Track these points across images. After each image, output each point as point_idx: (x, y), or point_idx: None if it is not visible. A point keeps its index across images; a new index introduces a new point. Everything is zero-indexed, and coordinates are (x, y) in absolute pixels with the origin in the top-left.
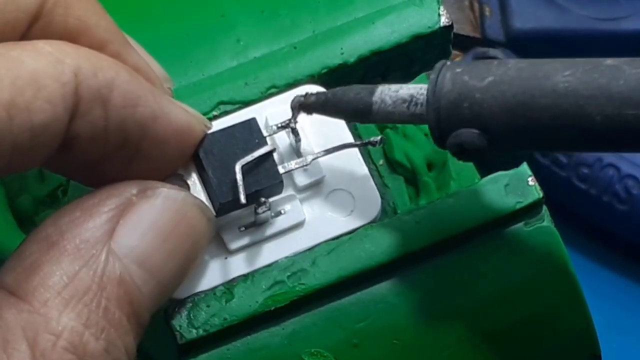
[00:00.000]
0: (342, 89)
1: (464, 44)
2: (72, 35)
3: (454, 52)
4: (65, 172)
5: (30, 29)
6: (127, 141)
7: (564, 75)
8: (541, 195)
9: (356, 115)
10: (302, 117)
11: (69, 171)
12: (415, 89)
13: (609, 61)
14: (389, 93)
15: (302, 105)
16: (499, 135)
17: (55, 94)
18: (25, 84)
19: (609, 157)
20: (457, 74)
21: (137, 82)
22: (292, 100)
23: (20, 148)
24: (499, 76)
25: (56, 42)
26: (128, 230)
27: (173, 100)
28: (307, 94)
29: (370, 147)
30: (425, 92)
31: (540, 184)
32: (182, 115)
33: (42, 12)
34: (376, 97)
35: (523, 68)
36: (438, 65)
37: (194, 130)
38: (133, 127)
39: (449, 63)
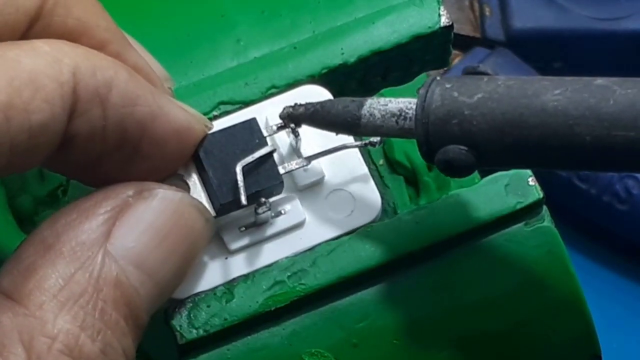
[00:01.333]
0: (331, 100)
1: (464, 43)
2: (72, 36)
3: (454, 52)
4: (65, 172)
5: (29, 29)
6: (126, 141)
7: (553, 94)
8: (541, 195)
9: (344, 127)
10: None
11: (68, 171)
12: (404, 103)
13: (599, 81)
14: (377, 107)
15: (291, 116)
16: (488, 153)
17: (53, 93)
18: (22, 85)
19: None
20: (446, 89)
21: (136, 81)
22: (281, 111)
23: (18, 148)
24: (488, 93)
25: (54, 42)
26: (124, 231)
27: (173, 100)
28: (295, 104)
29: (370, 147)
30: (414, 107)
31: (540, 184)
32: (182, 115)
33: (41, 12)
34: (365, 110)
35: (512, 85)
36: (427, 80)
37: (193, 130)
38: (132, 126)
39: (438, 78)
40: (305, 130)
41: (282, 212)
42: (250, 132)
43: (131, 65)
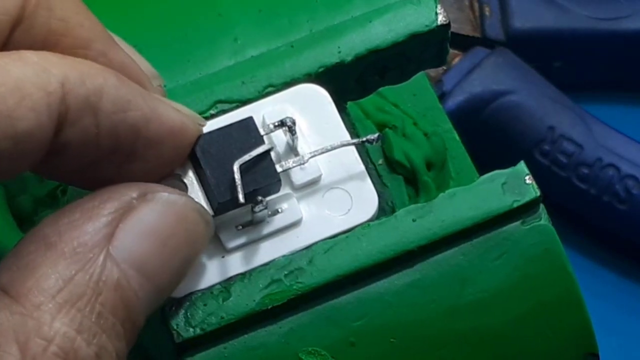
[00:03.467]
0: None
1: (464, 43)
2: (55, 37)
3: (454, 51)
4: (58, 178)
5: (13, 32)
6: (119, 146)
7: None
8: (538, 193)
9: None
10: (299, 116)
11: (62, 177)
12: None
13: None
14: None
15: None
16: None
17: (39, 102)
18: (8, 92)
19: (609, 157)
20: None
21: (126, 86)
22: None
23: (3, 154)
24: None
25: (43, 52)
26: (127, 234)
27: (165, 100)
28: None
29: (367, 145)
30: None
31: (540, 184)
32: (175, 116)
33: (24, 14)
34: None
35: None
36: None
37: (187, 130)
38: (125, 131)
39: None
40: (302, 128)
41: (279, 210)
42: (247, 131)
43: (118, 63)
